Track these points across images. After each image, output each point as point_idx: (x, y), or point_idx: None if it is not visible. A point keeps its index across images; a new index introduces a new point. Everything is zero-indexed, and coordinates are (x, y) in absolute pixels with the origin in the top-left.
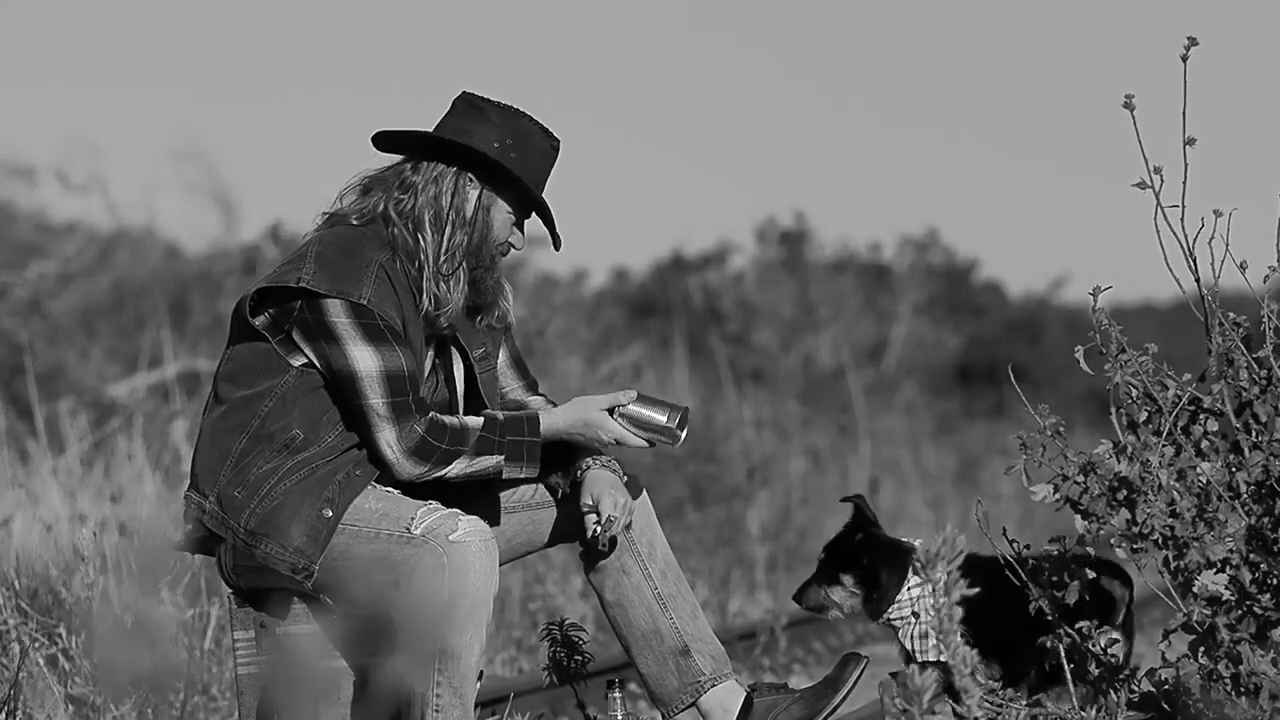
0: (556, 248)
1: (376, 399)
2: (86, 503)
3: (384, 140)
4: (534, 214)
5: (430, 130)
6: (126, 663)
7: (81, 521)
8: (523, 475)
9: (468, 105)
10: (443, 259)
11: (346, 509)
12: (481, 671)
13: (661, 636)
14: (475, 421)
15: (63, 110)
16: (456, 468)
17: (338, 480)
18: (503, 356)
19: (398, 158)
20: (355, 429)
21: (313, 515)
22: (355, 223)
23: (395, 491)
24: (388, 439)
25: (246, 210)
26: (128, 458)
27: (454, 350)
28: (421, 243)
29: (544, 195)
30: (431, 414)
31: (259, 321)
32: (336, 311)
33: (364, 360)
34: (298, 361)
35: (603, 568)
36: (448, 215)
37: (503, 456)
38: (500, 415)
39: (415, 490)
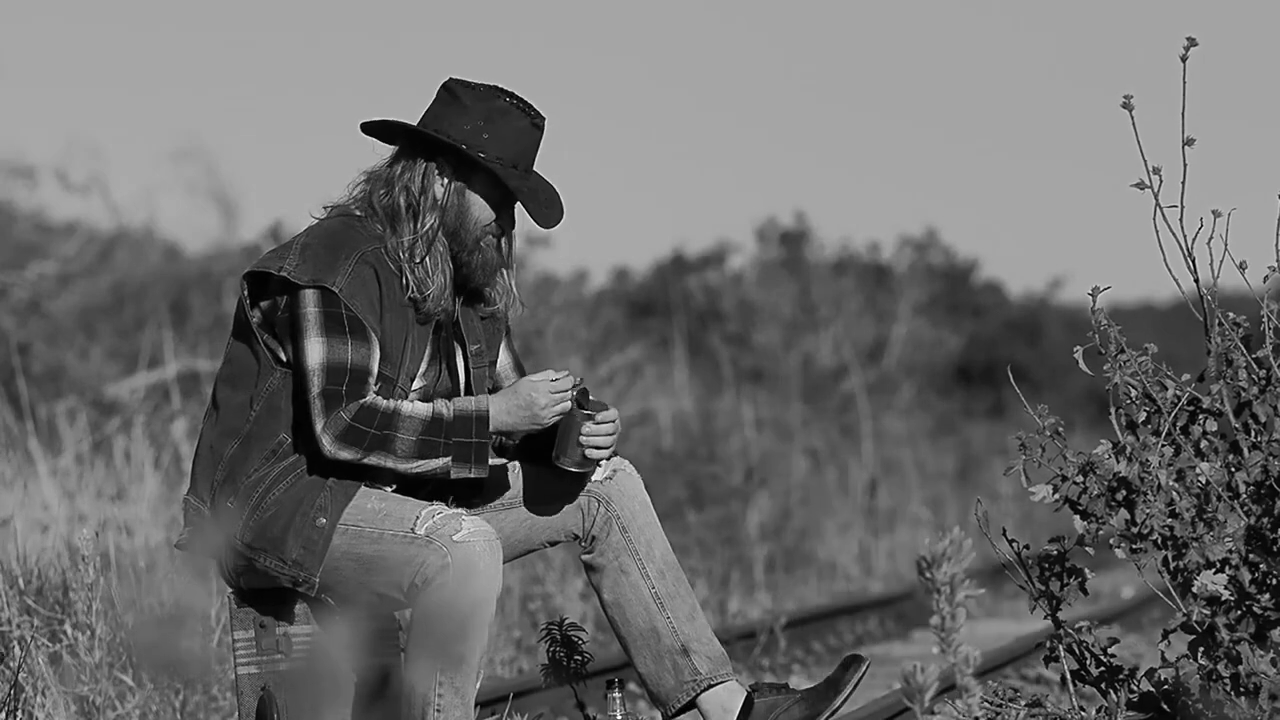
0: (542, 226)
1: (314, 390)
2: (86, 503)
3: (375, 131)
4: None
5: (414, 123)
6: (156, 650)
7: (81, 521)
8: (471, 475)
9: (446, 92)
10: (418, 245)
11: (341, 514)
12: (479, 670)
13: (658, 636)
14: (422, 410)
15: (63, 110)
16: (403, 465)
17: (329, 486)
18: (506, 359)
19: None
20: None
21: (307, 526)
22: (358, 213)
23: (396, 492)
24: (318, 428)
25: (246, 210)
26: (127, 458)
27: (455, 342)
28: (399, 232)
29: (539, 171)
30: (363, 400)
31: (255, 318)
32: (307, 302)
33: (313, 353)
34: (282, 356)
35: (602, 567)
36: (420, 202)
37: (449, 458)
38: (448, 413)
39: (417, 491)
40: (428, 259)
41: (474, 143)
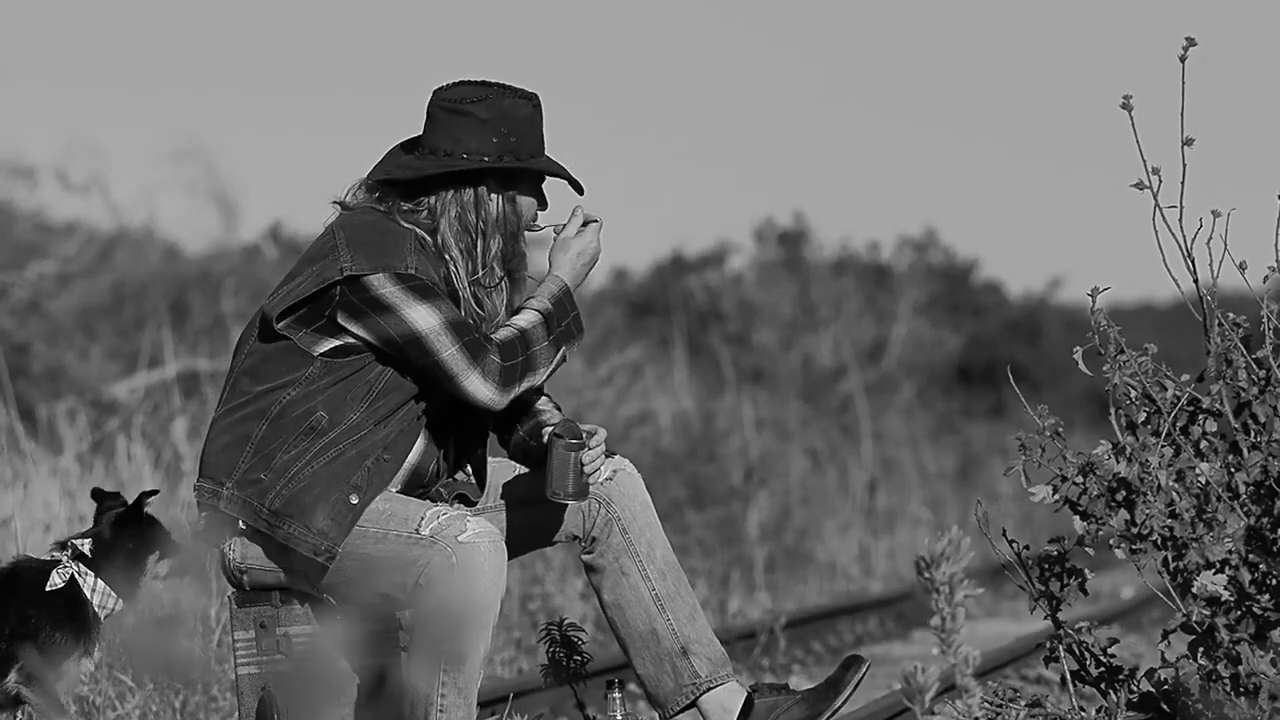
0: (580, 192)
1: (450, 349)
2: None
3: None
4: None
5: (419, 148)
6: (153, 652)
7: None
8: (575, 349)
9: (448, 112)
10: (486, 275)
11: (375, 497)
12: (481, 671)
13: (658, 638)
14: (532, 318)
15: (63, 110)
16: (539, 376)
17: (366, 467)
18: None
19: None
20: (433, 387)
21: (339, 500)
22: (380, 209)
23: (400, 493)
24: (475, 384)
25: (246, 210)
26: (128, 458)
27: None
28: (450, 263)
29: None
30: (494, 339)
31: (283, 324)
32: (382, 283)
33: (424, 318)
34: (320, 349)
35: (602, 568)
36: (478, 228)
37: (564, 344)
38: (546, 304)
39: (418, 493)
40: (494, 291)
41: (507, 151)
